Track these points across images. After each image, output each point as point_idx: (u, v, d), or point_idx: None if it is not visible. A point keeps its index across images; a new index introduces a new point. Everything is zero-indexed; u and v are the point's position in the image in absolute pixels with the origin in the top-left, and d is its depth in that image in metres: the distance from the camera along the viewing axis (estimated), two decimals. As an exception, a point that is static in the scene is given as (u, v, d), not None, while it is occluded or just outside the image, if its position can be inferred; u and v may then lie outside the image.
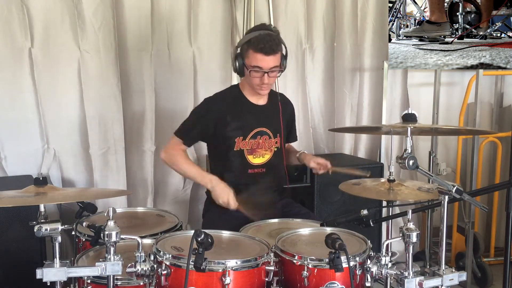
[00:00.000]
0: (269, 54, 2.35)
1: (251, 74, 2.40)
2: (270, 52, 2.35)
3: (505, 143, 3.69)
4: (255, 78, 2.40)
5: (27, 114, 2.92)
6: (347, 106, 3.65)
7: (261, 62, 2.36)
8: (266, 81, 2.40)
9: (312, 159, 2.62)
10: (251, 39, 2.37)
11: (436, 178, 1.77)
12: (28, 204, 1.91)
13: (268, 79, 2.40)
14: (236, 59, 2.44)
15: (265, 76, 2.39)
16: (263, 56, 2.35)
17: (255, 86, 2.44)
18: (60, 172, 3.00)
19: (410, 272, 1.68)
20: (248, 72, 2.41)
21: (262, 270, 1.75)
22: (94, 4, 2.91)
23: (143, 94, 3.11)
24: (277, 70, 2.42)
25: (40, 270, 1.61)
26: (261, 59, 2.35)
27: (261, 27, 2.46)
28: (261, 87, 2.44)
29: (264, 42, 2.34)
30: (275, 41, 2.37)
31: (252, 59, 2.37)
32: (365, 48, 3.65)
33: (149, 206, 3.11)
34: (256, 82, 2.42)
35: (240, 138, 2.47)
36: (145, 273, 1.71)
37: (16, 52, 2.85)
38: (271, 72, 2.39)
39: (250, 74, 2.40)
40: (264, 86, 2.43)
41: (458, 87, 3.99)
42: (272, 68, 2.38)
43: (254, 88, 2.46)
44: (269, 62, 2.37)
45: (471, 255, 3.35)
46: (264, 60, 2.36)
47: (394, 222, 3.31)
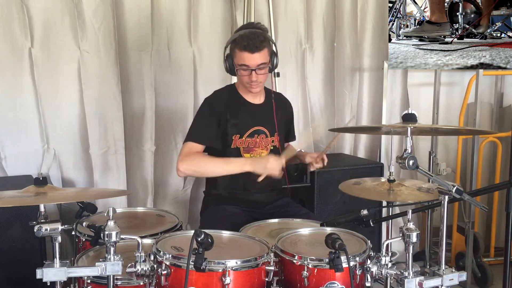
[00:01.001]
0: (254, 51, 2.35)
1: (239, 73, 2.41)
2: (254, 50, 2.35)
3: (505, 143, 3.69)
4: (243, 76, 2.41)
5: (27, 114, 2.92)
6: (347, 106, 3.65)
7: (247, 60, 2.36)
8: (254, 79, 2.40)
9: (308, 154, 2.64)
10: (236, 38, 2.38)
11: (436, 178, 1.77)
12: (28, 204, 1.91)
13: (256, 76, 2.40)
14: (227, 59, 2.45)
15: (252, 74, 2.39)
16: (248, 54, 2.35)
17: (245, 84, 2.45)
18: (60, 172, 3.00)
19: (410, 272, 1.68)
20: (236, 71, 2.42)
21: (262, 270, 1.75)
22: (94, 4, 2.91)
23: (143, 94, 3.11)
24: (265, 67, 2.41)
25: (40, 270, 1.61)
26: (247, 57, 2.36)
27: (248, 25, 2.47)
28: (251, 85, 2.43)
29: (248, 40, 2.34)
30: (259, 38, 2.36)
31: (239, 57, 2.38)
32: (365, 48, 3.65)
33: (149, 206, 3.11)
34: (245, 80, 2.43)
35: (237, 136, 2.47)
36: (145, 273, 1.71)
37: (16, 52, 2.85)
38: (259, 69, 2.39)
39: (237, 73, 2.41)
40: (254, 84, 2.43)
41: (458, 87, 3.99)
42: (259, 65, 2.38)
43: (245, 86, 2.47)
44: (255, 59, 2.37)
45: (471, 255, 3.35)
46: (250, 58, 2.36)
47: (394, 222, 3.31)
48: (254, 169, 2.36)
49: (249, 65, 2.37)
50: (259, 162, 2.39)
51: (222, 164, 2.41)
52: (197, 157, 2.41)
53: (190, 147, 2.42)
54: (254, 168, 2.36)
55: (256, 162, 2.39)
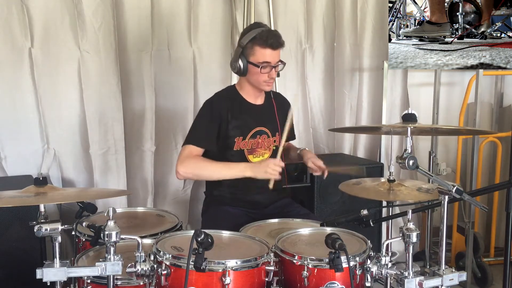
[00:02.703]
0: (277, 48, 2.38)
1: (261, 70, 2.40)
2: (277, 46, 2.38)
3: (505, 143, 3.69)
4: (264, 74, 2.41)
5: (27, 114, 2.92)
6: (346, 106, 3.65)
7: (269, 57, 2.38)
8: (273, 76, 2.44)
9: (310, 159, 2.58)
10: (256, 36, 2.37)
11: (436, 178, 1.77)
12: (28, 204, 1.90)
13: (274, 73, 2.44)
14: (239, 59, 2.41)
15: (272, 71, 2.42)
16: (272, 50, 2.37)
17: (262, 82, 2.44)
18: (60, 172, 3.00)
19: (410, 272, 1.68)
20: (256, 70, 2.40)
21: (262, 270, 1.75)
22: (94, 4, 2.91)
23: (143, 94, 3.11)
24: (281, 65, 2.45)
25: (40, 270, 1.61)
26: (270, 54, 2.37)
27: (259, 25, 2.47)
28: (267, 83, 2.45)
29: (271, 37, 2.36)
30: (279, 35, 2.40)
31: (260, 55, 2.37)
32: (365, 48, 3.65)
33: (149, 206, 3.11)
34: (264, 79, 2.43)
35: (240, 138, 2.47)
36: (145, 273, 1.71)
37: (16, 52, 2.85)
38: (276, 66, 2.42)
39: (260, 71, 2.40)
40: (271, 81, 2.46)
41: (458, 87, 3.99)
42: (277, 62, 2.42)
43: (260, 85, 2.45)
44: (276, 56, 2.40)
45: (471, 255, 3.35)
46: (272, 55, 2.38)
47: (394, 222, 3.31)
48: (255, 174, 2.36)
49: (270, 62, 2.39)
50: (259, 167, 2.37)
51: (222, 169, 2.41)
52: (197, 160, 2.39)
53: (189, 150, 2.40)
54: (255, 173, 2.36)
55: (256, 167, 2.38)
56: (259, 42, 2.36)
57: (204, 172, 2.40)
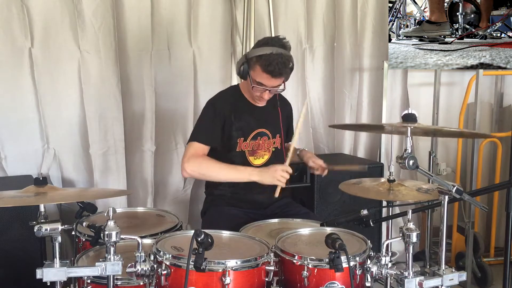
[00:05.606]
0: (277, 77, 2.31)
1: (253, 88, 2.37)
2: (278, 76, 2.31)
3: (505, 143, 3.69)
4: (256, 91, 2.39)
5: (27, 114, 2.92)
6: (347, 106, 3.65)
7: (266, 81, 2.33)
8: (266, 97, 2.41)
9: (311, 158, 2.60)
10: (262, 56, 2.28)
11: (436, 178, 1.77)
12: (28, 204, 1.91)
13: (269, 95, 2.40)
14: (243, 65, 2.38)
15: (266, 92, 2.38)
16: (270, 77, 2.31)
17: (255, 96, 2.43)
18: (60, 172, 3.00)
19: (410, 272, 1.68)
20: (250, 83, 2.38)
21: (262, 270, 1.75)
22: (94, 4, 2.91)
23: (143, 94, 3.11)
24: (279, 87, 2.38)
25: (40, 270, 1.61)
26: (267, 78, 2.32)
27: (275, 41, 2.35)
28: (260, 99, 2.44)
29: (274, 65, 2.26)
30: (285, 64, 2.29)
31: (258, 75, 2.33)
32: (365, 48, 3.65)
33: (149, 206, 3.11)
34: (256, 95, 2.42)
35: (241, 139, 2.47)
36: (145, 273, 1.71)
37: (16, 52, 2.85)
38: (273, 89, 2.37)
39: (251, 88, 2.38)
40: (263, 100, 2.43)
41: (458, 87, 3.99)
42: (275, 86, 2.36)
43: (253, 97, 2.46)
44: (274, 82, 2.34)
45: (471, 255, 3.35)
46: (270, 81, 2.33)
47: (394, 222, 3.31)
48: (262, 179, 2.35)
49: (266, 86, 2.34)
50: (267, 172, 2.35)
51: (229, 171, 2.38)
52: (204, 160, 2.38)
53: (195, 147, 2.39)
54: (262, 178, 2.35)
55: (263, 173, 2.36)
56: (261, 64, 2.29)
57: (211, 172, 2.39)
